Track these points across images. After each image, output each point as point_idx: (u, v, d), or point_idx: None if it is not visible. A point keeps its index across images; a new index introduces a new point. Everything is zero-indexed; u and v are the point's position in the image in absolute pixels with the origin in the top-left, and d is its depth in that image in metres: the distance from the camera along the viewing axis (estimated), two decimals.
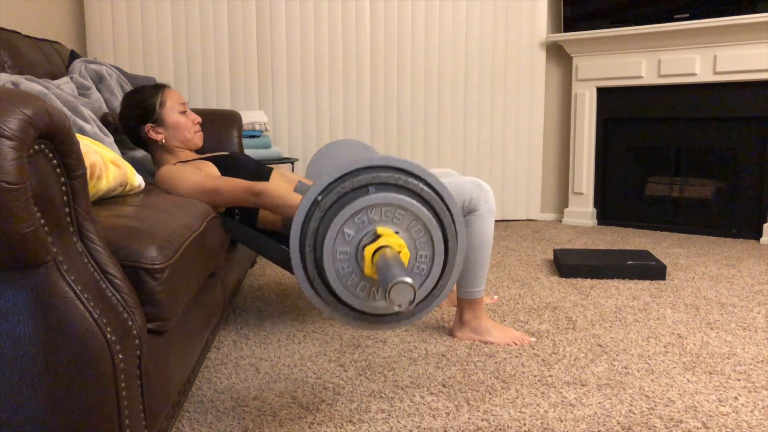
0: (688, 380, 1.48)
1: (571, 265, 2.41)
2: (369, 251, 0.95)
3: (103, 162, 1.25)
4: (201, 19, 3.29)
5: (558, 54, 3.65)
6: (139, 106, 1.78)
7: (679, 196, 3.39)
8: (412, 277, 0.85)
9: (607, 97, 3.49)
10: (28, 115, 0.72)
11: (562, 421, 1.28)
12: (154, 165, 1.91)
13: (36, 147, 0.75)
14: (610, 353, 1.65)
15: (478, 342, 1.73)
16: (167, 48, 3.28)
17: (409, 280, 0.83)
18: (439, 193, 1.02)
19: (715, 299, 2.12)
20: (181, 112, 1.81)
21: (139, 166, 2.05)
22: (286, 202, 1.60)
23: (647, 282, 2.34)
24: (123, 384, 0.85)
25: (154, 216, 1.16)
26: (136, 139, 1.83)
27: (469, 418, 1.30)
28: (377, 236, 0.96)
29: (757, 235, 3.12)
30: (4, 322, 0.75)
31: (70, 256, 0.81)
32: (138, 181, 1.45)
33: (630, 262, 2.39)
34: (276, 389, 1.45)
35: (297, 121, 3.48)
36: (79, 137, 1.25)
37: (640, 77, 3.32)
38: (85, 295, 0.80)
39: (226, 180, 1.63)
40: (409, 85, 3.54)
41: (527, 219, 3.78)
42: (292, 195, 1.62)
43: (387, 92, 3.53)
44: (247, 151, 2.85)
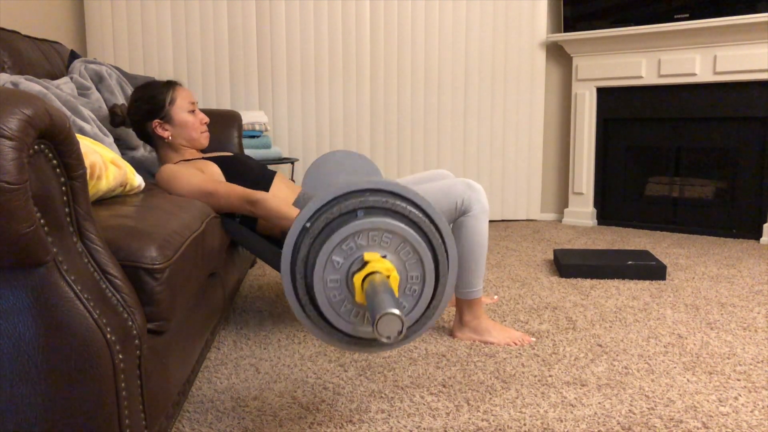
0: (688, 380, 1.48)
1: (571, 265, 2.41)
2: (358, 279, 0.94)
3: (103, 162, 1.25)
4: (201, 19, 3.30)
5: (558, 54, 3.65)
6: (149, 101, 1.77)
7: (679, 196, 3.39)
8: (399, 307, 0.84)
9: (607, 97, 3.49)
10: (28, 115, 0.72)
11: (562, 421, 1.28)
12: (158, 161, 1.91)
13: (36, 147, 0.75)
14: (610, 353, 1.65)
15: (478, 342, 1.73)
16: (167, 48, 3.28)
17: (395, 311, 0.81)
18: (427, 214, 1.02)
19: (715, 299, 2.12)
20: (190, 111, 1.80)
21: (139, 166, 2.05)
22: (281, 214, 1.62)
23: (647, 282, 2.34)
24: (123, 384, 0.85)
25: (154, 216, 1.16)
26: (142, 133, 1.82)
27: (469, 418, 1.30)
28: (365, 263, 0.96)
29: (757, 235, 3.12)
30: (4, 322, 0.75)
31: (70, 256, 0.81)
32: (138, 181, 1.45)
33: (630, 262, 2.39)
34: (276, 389, 1.45)
35: (297, 121, 3.48)
36: (79, 137, 1.25)
37: (640, 77, 3.32)
38: (85, 295, 0.80)
39: (226, 185, 1.64)
40: (409, 85, 3.55)
41: (527, 219, 3.78)
42: (288, 207, 1.63)
43: (387, 92, 3.53)
44: (247, 151, 2.85)
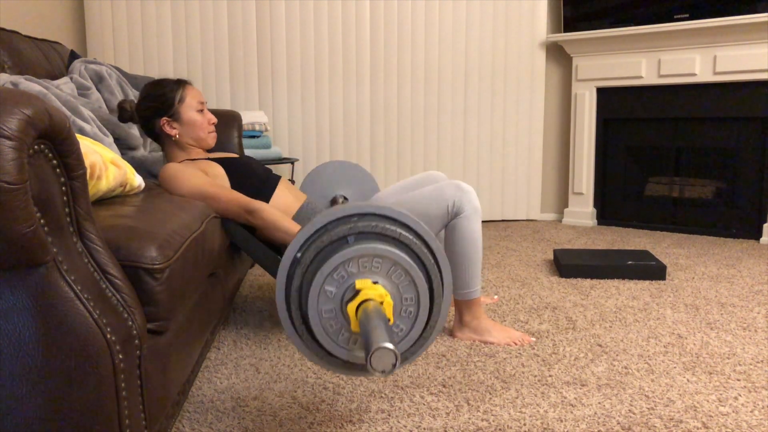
0: (688, 380, 1.48)
1: (571, 265, 2.41)
2: (352, 309, 0.94)
3: (103, 162, 1.25)
4: (201, 19, 3.30)
5: (558, 54, 3.65)
6: (158, 99, 1.77)
7: (679, 196, 3.39)
8: (392, 337, 0.83)
9: (607, 97, 3.49)
10: (28, 115, 0.72)
11: (562, 421, 1.28)
12: (163, 158, 1.91)
13: (36, 147, 0.75)
14: (610, 353, 1.65)
15: (478, 342, 1.73)
16: (167, 48, 3.28)
17: (387, 345, 0.80)
18: (418, 233, 1.02)
19: (715, 299, 2.12)
20: (199, 110, 1.80)
21: (139, 166, 2.05)
22: (278, 227, 1.62)
23: (647, 282, 2.34)
24: (123, 384, 0.85)
25: (154, 216, 1.16)
26: (150, 130, 1.81)
27: (469, 418, 1.30)
28: (357, 291, 0.95)
29: (757, 235, 3.12)
30: (4, 322, 0.75)
31: (70, 256, 0.81)
32: (138, 181, 1.45)
33: (630, 262, 2.39)
34: (276, 389, 1.45)
35: (297, 121, 3.48)
36: (79, 137, 1.25)
37: (640, 77, 3.32)
38: (85, 295, 0.80)
39: (226, 191, 1.64)
40: (409, 85, 3.54)
41: (527, 219, 3.78)
42: (285, 220, 1.63)
43: (387, 92, 3.53)
44: (247, 151, 2.86)
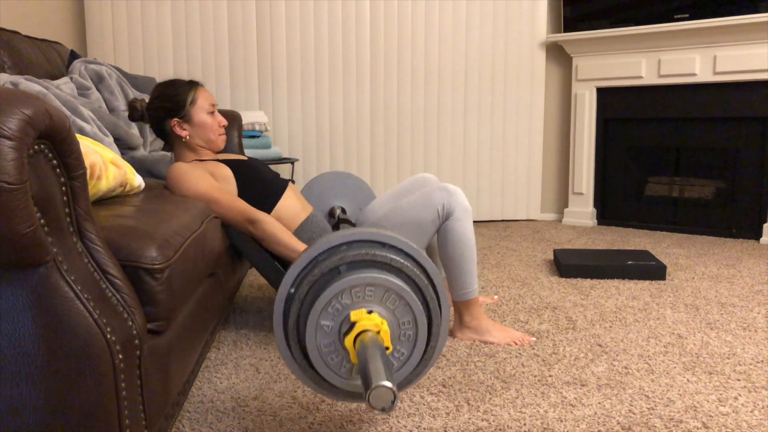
0: (688, 380, 1.48)
1: (571, 265, 2.41)
2: (349, 342, 0.94)
3: (103, 162, 1.25)
4: (201, 19, 3.30)
5: (558, 54, 3.65)
6: (170, 99, 1.77)
7: (679, 196, 3.39)
8: (390, 371, 0.82)
9: (607, 97, 3.49)
10: (28, 116, 0.72)
11: (562, 421, 1.28)
12: (171, 158, 1.91)
13: (36, 147, 0.75)
14: (610, 353, 1.65)
15: (478, 342, 1.73)
16: (167, 48, 3.28)
17: (385, 384, 0.80)
18: (410, 255, 1.02)
19: (715, 299, 2.12)
20: (210, 112, 1.80)
21: (139, 166, 2.05)
22: (278, 240, 1.63)
23: (647, 282, 2.34)
24: (123, 384, 0.85)
25: (154, 216, 1.16)
26: (160, 130, 1.81)
27: (469, 418, 1.29)
28: (353, 323, 0.95)
29: (757, 235, 3.12)
30: (4, 322, 0.75)
31: (70, 256, 0.81)
32: (138, 181, 1.45)
33: (630, 262, 2.39)
34: (276, 389, 1.45)
35: (297, 121, 3.48)
36: (79, 137, 1.25)
37: (640, 77, 3.32)
38: (85, 295, 0.80)
39: (231, 198, 1.64)
40: (409, 85, 3.54)
41: (527, 219, 3.78)
42: (286, 234, 1.64)
43: (387, 92, 3.53)
44: (247, 151, 2.85)
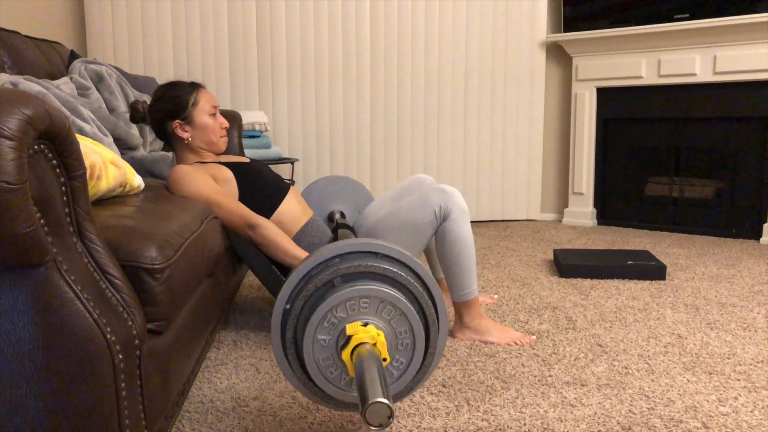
0: (688, 380, 1.47)
1: (571, 265, 2.41)
2: (346, 356, 0.94)
3: (103, 162, 1.25)
4: (201, 19, 3.30)
5: (558, 54, 3.65)
6: (172, 101, 1.77)
7: (679, 196, 3.39)
8: (385, 387, 0.82)
9: (607, 97, 3.49)
10: (28, 116, 0.72)
11: (562, 421, 1.28)
12: (172, 159, 1.91)
13: (36, 147, 0.75)
14: (610, 353, 1.65)
15: (478, 342, 1.73)
16: (167, 48, 3.28)
17: (380, 400, 0.80)
18: (403, 263, 1.01)
19: (715, 299, 2.12)
20: (212, 114, 1.80)
21: (139, 166, 2.05)
22: (278, 246, 1.63)
23: (647, 282, 2.34)
24: (123, 384, 0.85)
25: (154, 216, 1.16)
26: (162, 132, 1.81)
27: (469, 418, 1.29)
28: (349, 337, 0.95)
29: (757, 235, 3.12)
30: (4, 322, 0.75)
31: (70, 256, 0.81)
32: (137, 181, 1.45)
33: (630, 262, 2.39)
34: (276, 389, 1.45)
35: (297, 121, 3.48)
36: (79, 137, 1.25)
37: (640, 77, 3.32)
38: (85, 296, 0.80)
39: (231, 202, 1.65)
40: (409, 86, 3.54)
41: (527, 219, 3.78)
42: (285, 240, 1.64)
43: (387, 92, 3.53)
44: (247, 151, 2.85)
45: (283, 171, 3.53)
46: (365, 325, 0.96)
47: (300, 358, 0.99)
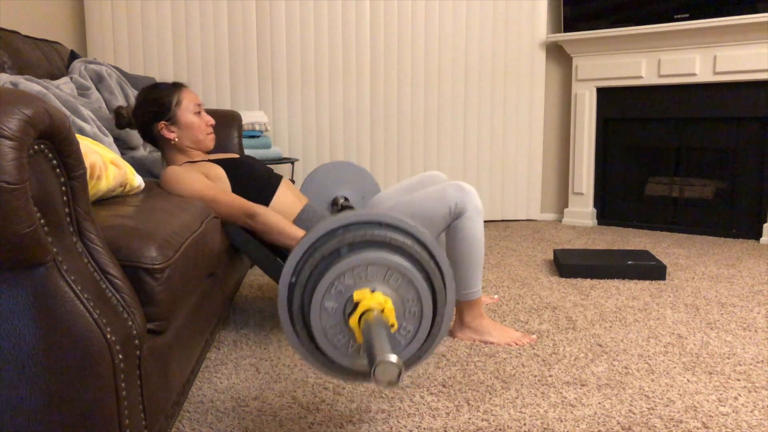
0: (688, 380, 1.48)
1: (571, 265, 2.41)
2: (354, 322, 0.94)
3: (103, 162, 1.25)
4: (201, 19, 3.29)
5: (558, 54, 3.65)
6: (155, 103, 1.77)
7: (679, 196, 3.39)
8: (393, 346, 0.82)
9: (607, 97, 3.49)
10: (28, 116, 0.72)
11: (562, 421, 1.28)
12: (162, 161, 1.91)
13: (36, 147, 0.75)
14: (610, 353, 1.65)
15: (478, 342, 1.73)
16: (167, 48, 3.28)
17: (389, 357, 0.80)
18: (408, 232, 1.01)
19: (715, 299, 2.12)
20: (196, 113, 1.80)
21: (139, 166, 2.05)
22: (280, 230, 1.63)
23: (647, 282, 2.34)
24: (123, 384, 0.85)
25: (153, 216, 1.16)
26: (148, 135, 1.81)
27: (469, 418, 1.29)
28: (356, 303, 0.95)
29: (757, 235, 3.12)
30: (4, 322, 0.75)
31: (70, 256, 0.81)
32: (138, 181, 1.45)
33: (630, 262, 2.39)
34: (276, 389, 1.45)
35: (297, 121, 3.48)
36: (79, 137, 1.25)
37: (640, 77, 3.32)
38: (85, 295, 0.80)
39: (227, 195, 1.64)
40: (409, 85, 3.54)
41: (527, 219, 3.78)
42: (286, 224, 1.63)
43: (387, 92, 3.53)
44: (247, 152, 2.85)
45: (283, 171, 3.53)
46: (373, 291, 0.96)
47: (308, 327, 0.99)
